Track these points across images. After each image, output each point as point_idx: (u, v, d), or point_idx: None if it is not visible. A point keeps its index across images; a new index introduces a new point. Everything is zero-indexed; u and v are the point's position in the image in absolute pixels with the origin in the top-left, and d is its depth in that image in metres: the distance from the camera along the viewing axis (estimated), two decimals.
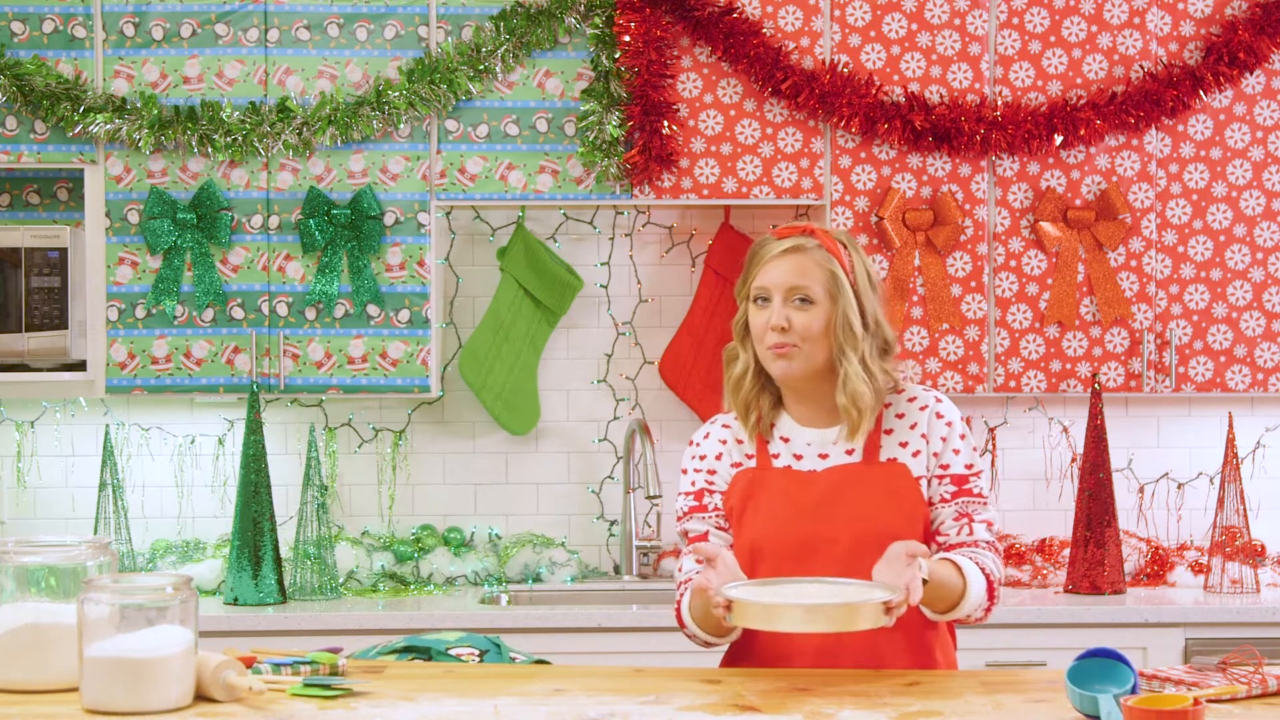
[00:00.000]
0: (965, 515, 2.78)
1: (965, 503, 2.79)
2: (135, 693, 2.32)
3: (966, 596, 2.69)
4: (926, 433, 2.80)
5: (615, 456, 4.77)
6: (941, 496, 2.79)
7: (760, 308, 2.77)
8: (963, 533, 2.78)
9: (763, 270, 2.76)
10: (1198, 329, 4.46)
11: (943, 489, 2.79)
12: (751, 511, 2.79)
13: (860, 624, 2.47)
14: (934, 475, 2.79)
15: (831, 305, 2.74)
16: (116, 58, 4.41)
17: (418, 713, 2.37)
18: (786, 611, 2.47)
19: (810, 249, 2.76)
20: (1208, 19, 4.46)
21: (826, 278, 2.74)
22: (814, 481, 2.78)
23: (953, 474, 2.79)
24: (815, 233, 2.78)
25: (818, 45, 4.44)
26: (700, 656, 2.94)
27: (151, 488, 4.71)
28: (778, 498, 2.78)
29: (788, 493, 2.78)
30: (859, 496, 2.75)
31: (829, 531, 2.72)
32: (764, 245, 2.80)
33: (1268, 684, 2.43)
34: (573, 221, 4.76)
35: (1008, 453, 4.77)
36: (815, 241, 2.77)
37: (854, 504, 2.75)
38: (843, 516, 2.74)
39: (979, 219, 4.45)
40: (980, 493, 2.81)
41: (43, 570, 2.50)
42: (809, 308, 2.74)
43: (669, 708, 2.40)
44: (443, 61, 4.40)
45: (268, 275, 4.43)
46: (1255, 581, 4.41)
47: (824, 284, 2.74)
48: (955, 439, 2.81)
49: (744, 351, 2.82)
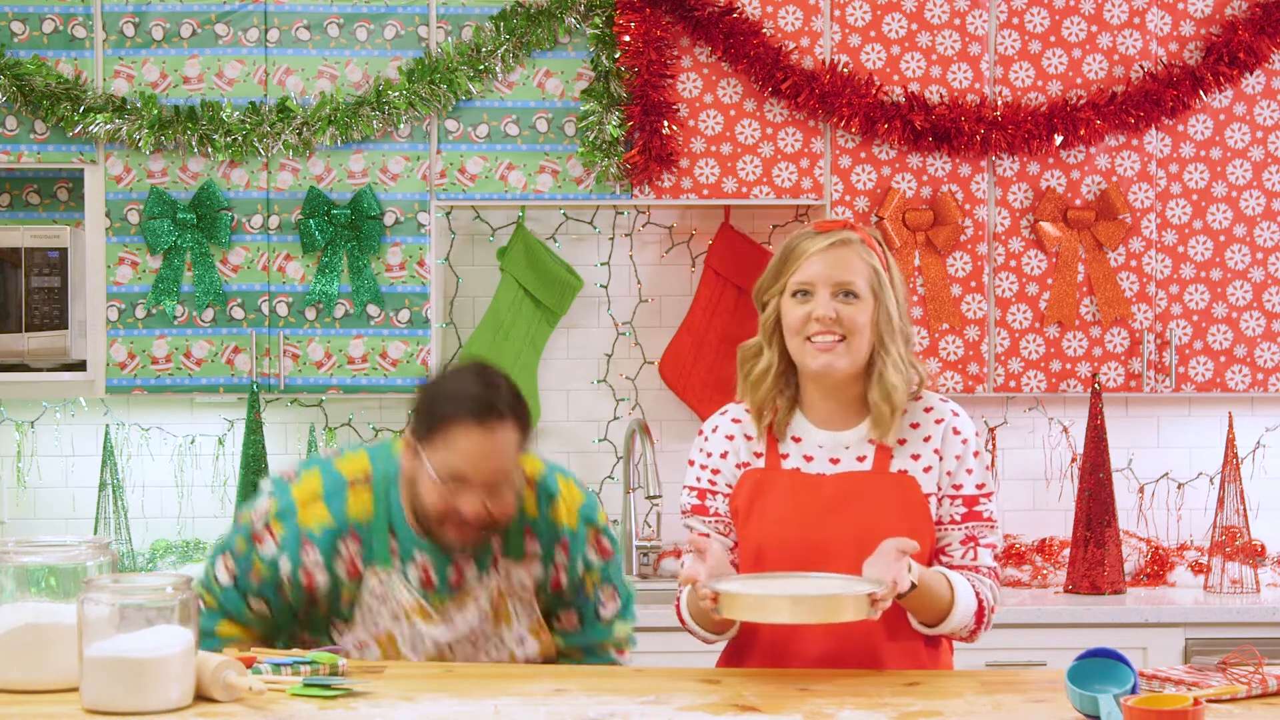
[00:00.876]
0: (972, 539, 2.76)
1: (973, 526, 2.76)
2: (135, 693, 2.32)
3: (953, 611, 2.68)
4: (940, 448, 2.76)
5: (615, 456, 4.77)
6: (951, 518, 2.76)
7: (800, 301, 2.71)
8: (967, 556, 2.76)
9: (805, 263, 2.71)
10: (1198, 329, 4.46)
11: (954, 509, 2.76)
12: (758, 513, 2.77)
13: (845, 615, 2.47)
14: (945, 495, 2.75)
15: (874, 301, 2.71)
16: (116, 58, 4.41)
17: (418, 713, 2.37)
18: (771, 603, 2.47)
19: (854, 243, 2.73)
20: (1208, 19, 4.46)
21: (870, 273, 2.72)
22: (821, 486, 2.74)
23: (965, 495, 2.76)
24: (855, 228, 2.76)
25: (818, 45, 4.44)
26: (700, 656, 2.94)
27: (151, 488, 4.71)
28: (783, 501, 2.75)
29: (794, 496, 2.74)
30: (867, 506, 2.72)
31: (833, 538, 2.69)
32: (803, 240, 2.75)
33: (1268, 684, 2.43)
34: (573, 221, 4.76)
35: (1008, 453, 4.77)
36: (857, 236, 2.75)
37: (861, 513, 2.71)
38: (849, 524, 2.70)
39: (979, 219, 4.45)
40: (989, 516, 2.77)
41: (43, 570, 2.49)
42: (855, 302, 2.70)
43: (669, 708, 2.40)
44: (443, 61, 4.40)
45: (268, 275, 4.43)
46: (1255, 581, 4.41)
47: (868, 279, 2.71)
48: (970, 458, 2.77)
49: (769, 349, 2.77)
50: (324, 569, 2.84)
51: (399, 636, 2.84)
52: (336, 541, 2.84)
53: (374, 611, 2.85)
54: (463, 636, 2.86)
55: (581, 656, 2.98)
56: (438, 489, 2.74)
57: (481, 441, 2.72)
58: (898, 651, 2.73)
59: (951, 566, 2.75)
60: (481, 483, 2.74)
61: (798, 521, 2.72)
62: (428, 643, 2.84)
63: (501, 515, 2.78)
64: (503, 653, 2.88)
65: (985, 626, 2.74)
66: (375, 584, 2.84)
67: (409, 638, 2.84)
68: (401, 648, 2.84)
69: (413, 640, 2.84)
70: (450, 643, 2.86)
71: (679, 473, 4.72)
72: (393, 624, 2.84)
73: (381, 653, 2.84)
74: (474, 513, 2.74)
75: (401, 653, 2.83)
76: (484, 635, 2.87)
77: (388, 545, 2.84)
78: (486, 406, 2.72)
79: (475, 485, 2.73)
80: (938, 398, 2.82)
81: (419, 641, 2.85)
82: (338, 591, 2.85)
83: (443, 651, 2.85)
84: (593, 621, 2.97)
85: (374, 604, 2.85)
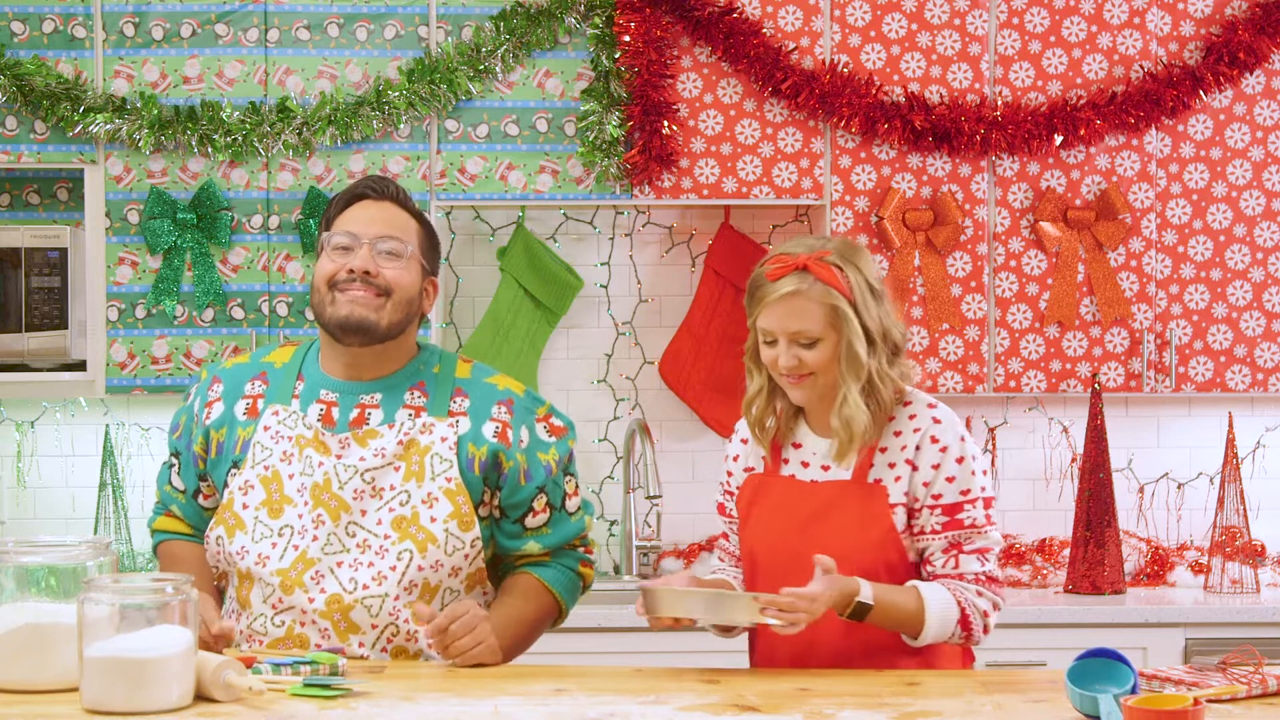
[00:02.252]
0: (955, 546, 2.75)
1: (957, 535, 2.75)
2: (135, 693, 2.32)
3: (927, 621, 2.69)
4: (915, 459, 2.76)
5: (615, 456, 4.77)
6: (933, 528, 2.76)
7: (768, 345, 2.78)
8: (948, 565, 2.75)
9: (764, 313, 2.76)
10: (1198, 329, 4.46)
11: (934, 519, 2.75)
12: (755, 519, 2.86)
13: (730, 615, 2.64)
14: (925, 505, 2.76)
15: (836, 336, 2.75)
16: (116, 58, 4.41)
17: (418, 713, 2.37)
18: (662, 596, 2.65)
19: (806, 289, 2.73)
20: (1208, 19, 4.46)
21: (827, 313, 2.73)
22: (810, 494, 2.81)
23: (944, 504, 2.75)
24: (809, 266, 2.73)
25: (818, 45, 4.44)
26: (700, 656, 2.94)
27: (151, 487, 4.71)
28: (775, 508, 2.83)
29: (785, 503, 2.82)
30: (838, 517, 2.78)
31: (811, 548, 2.71)
32: (760, 285, 2.77)
33: (1268, 684, 2.43)
34: (573, 221, 4.77)
35: (1008, 453, 4.77)
36: (811, 278, 2.73)
37: (834, 524, 2.77)
38: (823, 535, 2.76)
39: (979, 219, 4.45)
40: (973, 523, 2.75)
41: (43, 570, 2.49)
42: (815, 345, 2.74)
43: (669, 708, 2.40)
44: (443, 61, 4.40)
45: (268, 275, 4.43)
46: (1255, 581, 4.42)
47: (825, 319, 2.74)
48: (950, 464, 2.76)
49: (758, 374, 2.84)
50: (223, 404, 2.89)
51: (285, 475, 2.81)
52: (244, 381, 2.90)
53: (264, 448, 2.83)
54: (357, 473, 2.78)
55: (550, 560, 2.93)
56: (328, 256, 2.83)
57: (368, 208, 2.87)
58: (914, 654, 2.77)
59: (934, 576, 2.75)
60: (370, 240, 2.82)
61: (785, 530, 2.80)
62: (318, 475, 2.78)
63: (394, 282, 2.82)
64: (406, 508, 2.79)
65: (982, 631, 2.74)
66: (271, 419, 2.84)
67: (299, 472, 2.80)
68: (287, 488, 2.80)
69: (301, 478, 2.79)
70: (343, 481, 2.78)
71: (679, 473, 4.76)
72: (281, 463, 2.81)
73: (266, 494, 2.81)
74: (365, 265, 2.79)
75: (286, 493, 2.80)
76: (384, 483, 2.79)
77: (292, 387, 2.87)
78: (372, 183, 2.89)
79: (365, 244, 2.81)
80: (925, 402, 2.83)
81: (309, 473, 2.79)
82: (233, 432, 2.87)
83: (328, 489, 2.78)
84: (561, 513, 2.92)
85: (266, 440, 2.84)
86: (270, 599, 2.79)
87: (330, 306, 2.82)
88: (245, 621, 2.82)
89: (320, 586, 2.77)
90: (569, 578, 2.95)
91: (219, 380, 2.94)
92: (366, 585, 2.76)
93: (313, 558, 2.77)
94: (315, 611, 2.76)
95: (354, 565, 2.77)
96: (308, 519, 2.78)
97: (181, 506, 2.98)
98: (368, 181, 2.91)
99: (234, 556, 2.82)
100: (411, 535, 2.78)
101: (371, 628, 2.77)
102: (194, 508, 2.96)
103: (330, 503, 2.78)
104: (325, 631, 2.76)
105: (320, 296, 2.83)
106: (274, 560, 2.78)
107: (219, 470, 2.89)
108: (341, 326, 2.81)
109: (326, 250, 2.84)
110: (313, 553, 2.78)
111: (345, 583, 2.77)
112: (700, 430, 4.74)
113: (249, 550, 2.80)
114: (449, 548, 2.80)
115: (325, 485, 2.79)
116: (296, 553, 2.78)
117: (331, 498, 2.78)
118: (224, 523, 2.84)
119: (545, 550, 2.92)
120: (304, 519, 2.78)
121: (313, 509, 2.78)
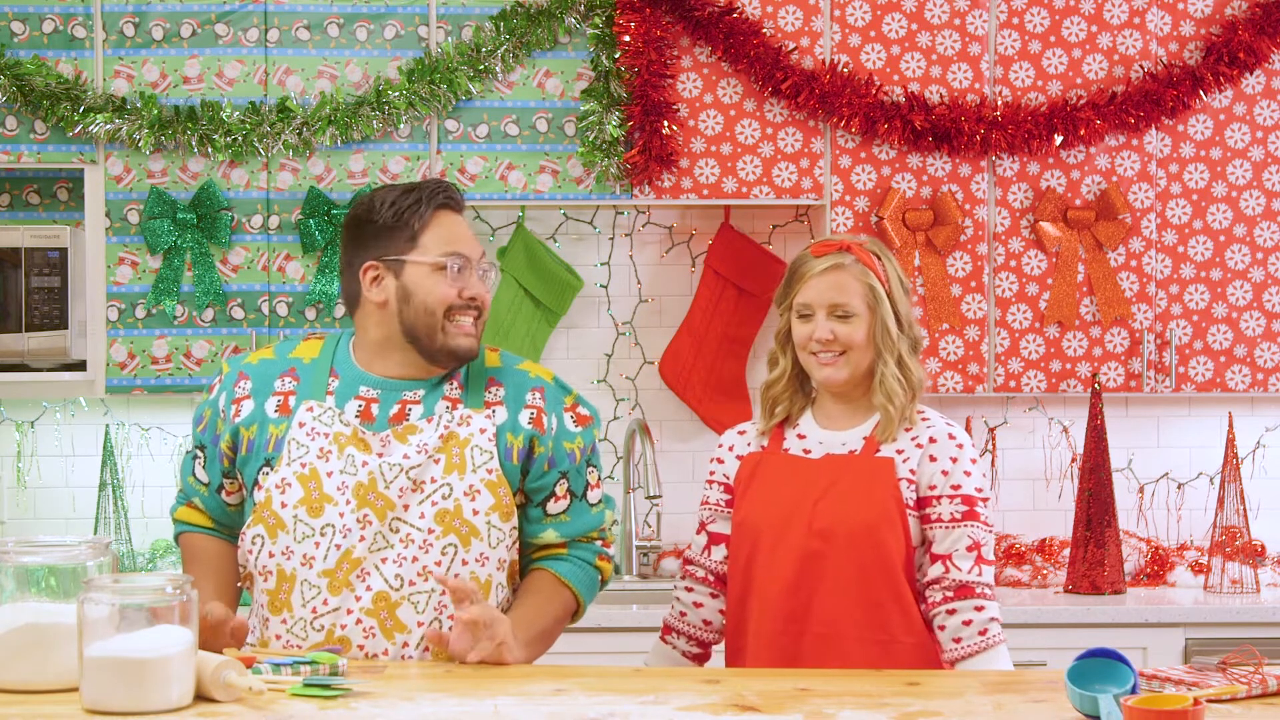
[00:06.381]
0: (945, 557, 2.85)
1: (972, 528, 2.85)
2: (135, 693, 2.32)
3: None
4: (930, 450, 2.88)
5: (615, 456, 4.77)
6: (951, 515, 2.85)
7: (803, 321, 2.92)
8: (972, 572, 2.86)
9: (805, 287, 2.91)
10: (1198, 329, 4.46)
11: (953, 508, 2.85)
12: (754, 490, 2.94)
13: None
14: (945, 494, 2.85)
15: (871, 316, 2.91)
16: (116, 58, 4.41)
17: (418, 713, 2.37)
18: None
19: (848, 265, 2.91)
20: (1208, 19, 4.46)
21: (865, 291, 2.90)
22: (813, 467, 2.91)
23: (964, 494, 2.85)
24: (852, 248, 2.92)
25: (818, 45, 4.44)
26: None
27: (151, 488, 4.71)
28: (777, 478, 2.92)
29: (783, 473, 2.92)
30: (841, 484, 2.87)
31: (807, 512, 2.85)
32: (804, 263, 2.94)
33: (1268, 684, 2.43)
34: (573, 221, 4.77)
35: (1007, 453, 4.77)
36: (852, 257, 2.91)
37: (835, 490, 2.86)
38: (822, 500, 2.86)
39: (979, 219, 4.45)
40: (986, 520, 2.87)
41: (43, 570, 2.49)
42: (850, 320, 2.89)
43: (669, 708, 2.40)
44: (443, 61, 4.40)
45: (268, 275, 4.43)
46: (1255, 581, 4.42)
47: (863, 297, 2.90)
48: (966, 461, 2.88)
49: (784, 357, 2.98)
50: (253, 401, 2.85)
51: (324, 473, 2.77)
52: (273, 377, 2.86)
53: (300, 445, 2.80)
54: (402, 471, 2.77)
55: (567, 552, 2.92)
56: (443, 276, 2.79)
57: (458, 223, 2.85)
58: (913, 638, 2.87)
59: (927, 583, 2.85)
60: (475, 262, 2.81)
61: (782, 496, 2.90)
62: (362, 475, 2.76)
63: (487, 305, 2.84)
64: (449, 501, 2.78)
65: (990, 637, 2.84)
66: (306, 416, 2.81)
67: (339, 470, 2.77)
68: (326, 486, 2.77)
69: (342, 476, 2.77)
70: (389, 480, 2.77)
71: (679, 473, 4.76)
72: (319, 460, 2.78)
73: (304, 493, 2.78)
74: (479, 292, 2.80)
75: (326, 492, 2.77)
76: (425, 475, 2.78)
77: (325, 383, 2.84)
78: (450, 192, 2.84)
79: (472, 265, 2.81)
80: (938, 414, 2.96)
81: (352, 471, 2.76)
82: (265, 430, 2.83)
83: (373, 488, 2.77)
84: (582, 503, 2.91)
85: (302, 438, 2.80)
86: (313, 600, 2.77)
87: (442, 335, 2.79)
88: (283, 629, 2.78)
89: (366, 584, 2.75)
90: (587, 573, 2.93)
91: (245, 376, 2.89)
92: (413, 581, 2.76)
93: (358, 557, 2.76)
94: (362, 609, 2.75)
95: (398, 561, 2.76)
96: (350, 518, 2.76)
97: (204, 499, 2.95)
98: (445, 190, 2.84)
99: (279, 557, 2.79)
100: (455, 529, 2.77)
101: (418, 625, 2.76)
102: (217, 501, 2.94)
103: (376, 502, 2.77)
104: (370, 630, 2.74)
105: (432, 320, 2.79)
106: (319, 561, 2.76)
107: (249, 468, 2.85)
108: (453, 356, 2.81)
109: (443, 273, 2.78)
110: (358, 552, 2.76)
111: (391, 579, 2.76)
112: (700, 430, 4.74)
113: (294, 551, 2.77)
114: (492, 539, 2.80)
115: (370, 485, 2.77)
116: (339, 552, 2.76)
117: (378, 497, 2.77)
118: (263, 521, 2.80)
119: (562, 540, 2.91)
120: (346, 518, 2.76)
121: (357, 508, 2.76)
